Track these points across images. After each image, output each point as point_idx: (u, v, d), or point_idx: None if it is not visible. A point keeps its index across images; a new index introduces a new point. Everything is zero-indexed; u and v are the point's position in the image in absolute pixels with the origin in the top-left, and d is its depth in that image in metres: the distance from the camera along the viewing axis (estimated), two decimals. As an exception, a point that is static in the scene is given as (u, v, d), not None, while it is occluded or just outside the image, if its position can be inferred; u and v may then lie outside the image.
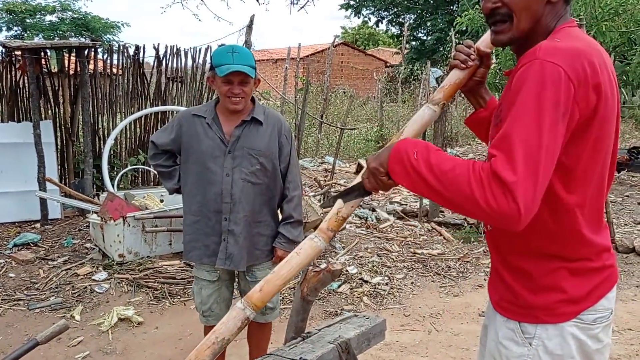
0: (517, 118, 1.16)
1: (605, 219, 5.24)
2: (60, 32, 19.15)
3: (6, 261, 4.66)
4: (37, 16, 20.12)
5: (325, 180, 7.27)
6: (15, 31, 20.03)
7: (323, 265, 2.02)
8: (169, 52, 6.60)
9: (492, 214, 1.13)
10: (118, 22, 21.08)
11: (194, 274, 2.77)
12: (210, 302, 2.72)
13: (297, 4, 6.81)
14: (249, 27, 6.63)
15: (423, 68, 14.65)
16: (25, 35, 19.21)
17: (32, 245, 5.08)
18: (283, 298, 3.89)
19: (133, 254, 4.66)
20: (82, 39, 18.28)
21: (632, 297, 4.20)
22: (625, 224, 6.24)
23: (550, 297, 1.31)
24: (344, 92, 17.36)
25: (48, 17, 20.67)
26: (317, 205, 4.92)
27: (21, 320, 3.71)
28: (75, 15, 20.60)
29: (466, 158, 12.00)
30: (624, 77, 8.84)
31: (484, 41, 1.52)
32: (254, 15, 6.60)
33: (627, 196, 7.78)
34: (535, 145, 1.13)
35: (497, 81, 10.10)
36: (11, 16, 19.28)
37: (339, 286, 4.22)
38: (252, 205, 2.59)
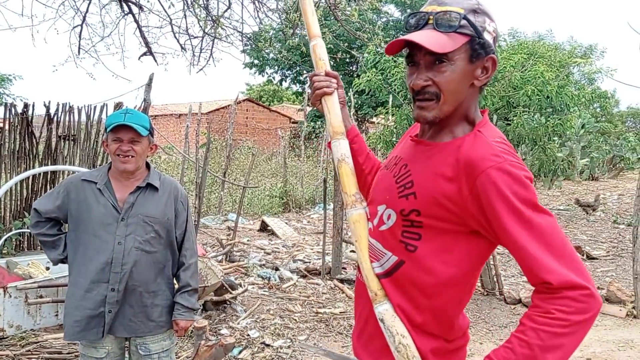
0: (539, 229, 1.22)
1: (494, 272, 5.54)
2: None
3: None
4: None
5: (227, 239, 7.16)
6: None
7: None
8: (60, 109, 6.34)
9: (593, 317, 1.20)
10: (10, 75, 19.99)
11: (80, 352, 2.58)
12: (98, 381, 2.54)
13: (197, 64, 6.84)
14: (148, 85, 6.57)
15: (324, 125, 15.12)
16: None
17: None
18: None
19: (15, 327, 4.27)
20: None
21: (519, 347, 4.44)
22: (512, 276, 6.65)
23: None
24: (249, 148, 17.44)
25: None
26: (217, 267, 4.81)
27: None
28: (-39, 67, 19.33)
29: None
30: (506, 137, 9.68)
31: (322, 66, 1.61)
32: (153, 73, 6.55)
33: (514, 247, 8.31)
34: (567, 242, 1.24)
35: (394, 139, 10.65)
36: None
37: (240, 352, 4.10)
38: (145, 275, 2.50)
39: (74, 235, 2.51)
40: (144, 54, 6.40)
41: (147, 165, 2.61)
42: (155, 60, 6.40)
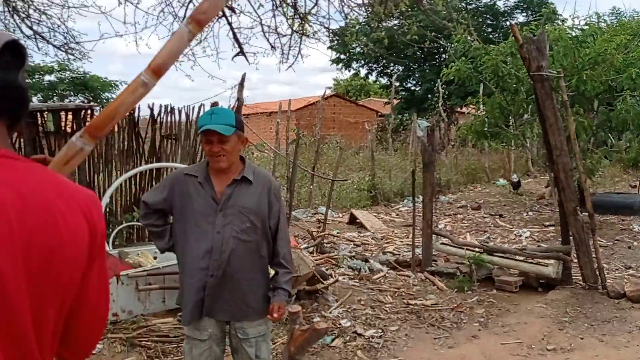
0: None
1: (596, 265, 5.22)
2: (59, 92, 19.51)
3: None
4: (36, 76, 20.56)
5: (317, 231, 7.33)
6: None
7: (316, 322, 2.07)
8: (163, 110, 6.78)
9: None
10: (116, 81, 21.57)
11: (186, 333, 2.79)
12: (201, 361, 2.73)
13: (286, 62, 7.04)
14: (241, 84, 6.86)
15: (412, 118, 14.98)
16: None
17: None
18: (276, 354, 3.88)
19: (127, 312, 4.62)
20: (81, 98, 18.60)
21: (625, 343, 4.21)
22: (616, 269, 6.28)
23: None
24: (337, 143, 17.63)
25: (47, 77, 21.13)
26: (309, 257, 4.96)
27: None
28: (73, 75, 21.07)
29: (458, 205, 11.94)
30: (609, 123, 9.08)
31: None
32: (245, 73, 6.84)
33: (618, 240, 7.85)
34: None
35: (485, 130, 10.34)
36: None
37: (332, 340, 4.22)
38: (242, 263, 2.65)
39: (178, 226, 2.72)
40: (237, 54, 6.69)
41: (242, 159, 2.77)
42: (247, 60, 6.67)
